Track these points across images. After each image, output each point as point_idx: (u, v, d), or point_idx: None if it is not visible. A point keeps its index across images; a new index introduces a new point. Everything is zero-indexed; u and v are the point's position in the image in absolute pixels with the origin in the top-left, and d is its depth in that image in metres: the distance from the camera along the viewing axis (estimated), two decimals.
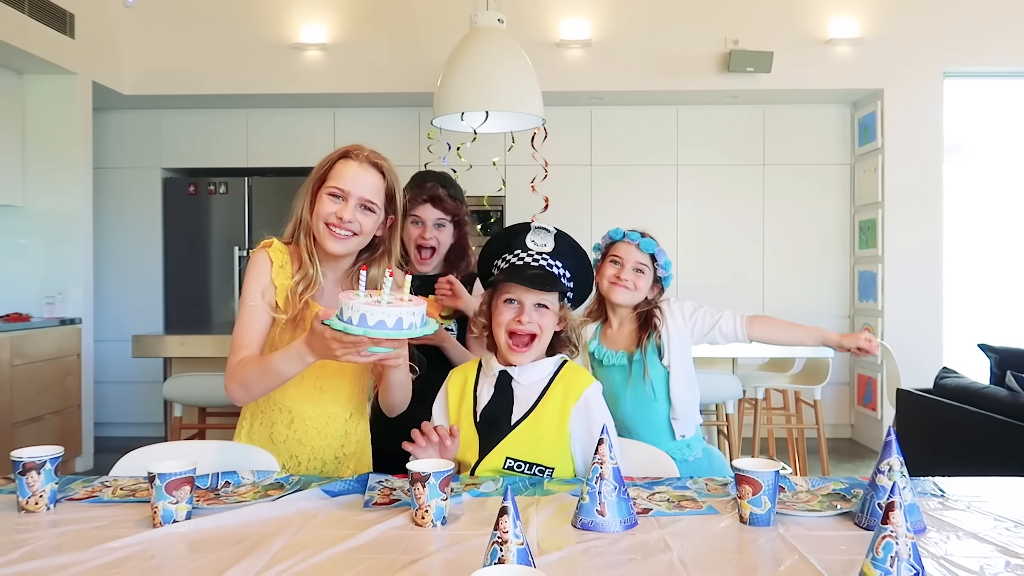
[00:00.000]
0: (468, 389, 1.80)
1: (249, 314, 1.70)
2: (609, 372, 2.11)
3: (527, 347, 1.75)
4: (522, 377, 1.76)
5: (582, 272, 1.90)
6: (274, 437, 1.78)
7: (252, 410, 1.81)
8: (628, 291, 2.09)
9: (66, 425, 4.64)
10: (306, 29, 5.29)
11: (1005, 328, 5.39)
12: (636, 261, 2.10)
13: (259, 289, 1.71)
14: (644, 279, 2.11)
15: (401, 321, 1.41)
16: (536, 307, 1.76)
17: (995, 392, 3.18)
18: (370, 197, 1.70)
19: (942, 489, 1.54)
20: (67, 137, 4.85)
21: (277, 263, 1.73)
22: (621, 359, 2.11)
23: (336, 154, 1.73)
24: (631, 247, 2.11)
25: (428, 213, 2.29)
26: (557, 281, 1.78)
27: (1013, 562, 1.17)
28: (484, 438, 1.72)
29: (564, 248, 1.85)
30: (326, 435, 1.79)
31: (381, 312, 1.40)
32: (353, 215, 1.68)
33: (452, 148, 4.35)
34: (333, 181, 1.70)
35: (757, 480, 1.33)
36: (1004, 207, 5.47)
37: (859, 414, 5.56)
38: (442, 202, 2.30)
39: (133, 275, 5.71)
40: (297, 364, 1.57)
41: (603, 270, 2.13)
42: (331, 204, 1.68)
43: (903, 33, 5.18)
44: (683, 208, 5.66)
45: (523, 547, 1.02)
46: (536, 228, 1.86)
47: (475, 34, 3.76)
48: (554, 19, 5.26)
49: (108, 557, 1.20)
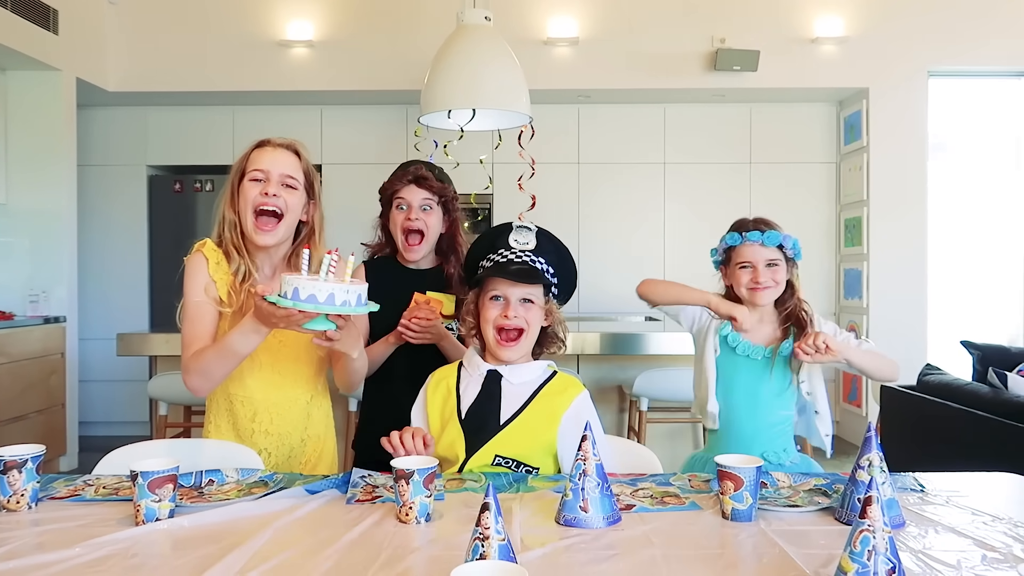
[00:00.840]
0: (451, 388, 1.81)
1: (196, 309, 1.75)
2: (742, 363, 2.05)
3: (515, 342, 1.77)
4: (512, 376, 1.77)
5: (565, 267, 1.91)
6: (240, 432, 1.81)
7: (214, 409, 1.84)
8: (770, 290, 2.03)
9: (50, 424, 4.61)
10: (293, 26, 5.27)
11: (987, 325, 5.44)
12: (767, 259, 2.03)
13: (200, 285, 1.76)
14: (780, 271, 2.04)
15: (333, 297, 1.46)
16: (522, 302, 1.78)
17: (977, 388, 3.21)
18: (290, 173, 1.77)
19: (922, 484, 1.56)
20: (51, 134, 4.81)
21: (213, 260, 1.77)
22: (758, 353, 2.03)
23: (249, 148, 1.81)
24: (755, 247, 2.04)
25: (413, 194, 2.21)
26: (540, 275, 1.80)
27: (990, 556, 1.18)
28: (470, 436, 1.72)
29: (546, 245, 1.88)
30: (289, 419, 1.83)
31: (313, 287, 1.45)
32: (277, 190, 1.74)
33: (439, 146, 4.35)
34: (251, 167, 1.76)
35: (739, 476, 1.34)
36: (987, 205, 5.51)
37: (844, 411, 5.60)
38: (427, 181, 2.22)
39: (118, 273, 5.67)
40: (252, 337, 1.62)
41: (736, 277, 2.07)
42: (255, 187, 1.74)
43: (888, 32, 5.21)
44: (670, 206, 5.68)
45: (505, 543, 1.02)
46: (518, 227, 1.89)
47: (462, 32, 3.76)
48: (541, 17, 5.26)
49: (90, 555, 1.19)
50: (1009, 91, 5.41)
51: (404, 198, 2.21)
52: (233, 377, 1.77)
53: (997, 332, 5.39)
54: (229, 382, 1.79)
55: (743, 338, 2.06)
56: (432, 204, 2.23)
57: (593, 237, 5.60)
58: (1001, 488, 1.60)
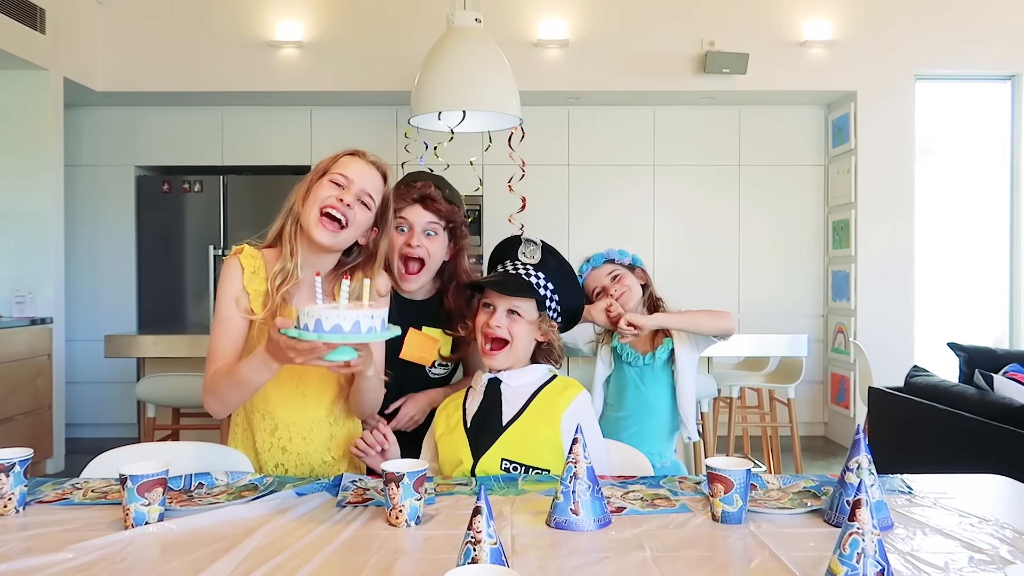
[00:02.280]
0: (458, 404, 1.82)
1: (222, 325, 1.69)
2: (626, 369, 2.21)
3: (497, 351, 1.78)
4: (511, 380, 1.78)
5: (567, 288, 1.92)
6: (257, 446, 1.77)
7: (237, 422, 1.81)
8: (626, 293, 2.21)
9: (37, 426, 4.57)
10: (282, 26, 5.26)
11: (974, 327, 5.48)
12: (607, 275, 2.23)
13: (231, 298, 1.69)
14: (628, 279, 2.24)
15: (359, 324, 1.37)
16: (508, 313, 1.78)
17: (964, 390, 3.23)
18: (370, 191, 1.70)
19: (910, 486, 1.57)
20: (38, 134, 4.77)
21: (249, 269, 1.71)
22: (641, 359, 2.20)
23: (341, 152, 1.74)
24: (596, 273, 2.25)
25: (417, 216, 1.96)
26: (528, 288, 1.80)
27: (977, 557, 1.19)
28: (475, 440, 1.73)
29: (551, 263, 1.90)
30: (311, 440, 1.77)
31: (336, 316, 1.36)
32: (352, 201, 1.67)
33: (429, 147, 4.35)
34: (337, 170, 1.70)
35: (729, 478, 1.34)
36: (973, 208, 5.56)
37: (832, 412, 5.63)
38: (434, 203, 1.97)
39: (106, 274, 5.64)
40: (264, 371, 1.56)
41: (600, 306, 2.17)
42: (331, 189, 1.67)
43: (876, 36, 5.25)
44: (659, 208, 5.70)
45: (496, 547, 1.02)
46: (525, 240, 1.89)
47: (452, 33, 3.76)
48: (531, 19, 5.27)
49: (79, 560, 1.18)
50: (995, 95, 5.46)
51: (406, 219, 1.97)
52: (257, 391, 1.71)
53: (983, 334, 5.43)
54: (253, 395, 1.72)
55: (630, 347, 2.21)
56: (437, 229, 1.99)
57: (583, 239, 5.61)
58: (988, 490, 1.61)
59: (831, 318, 5.63)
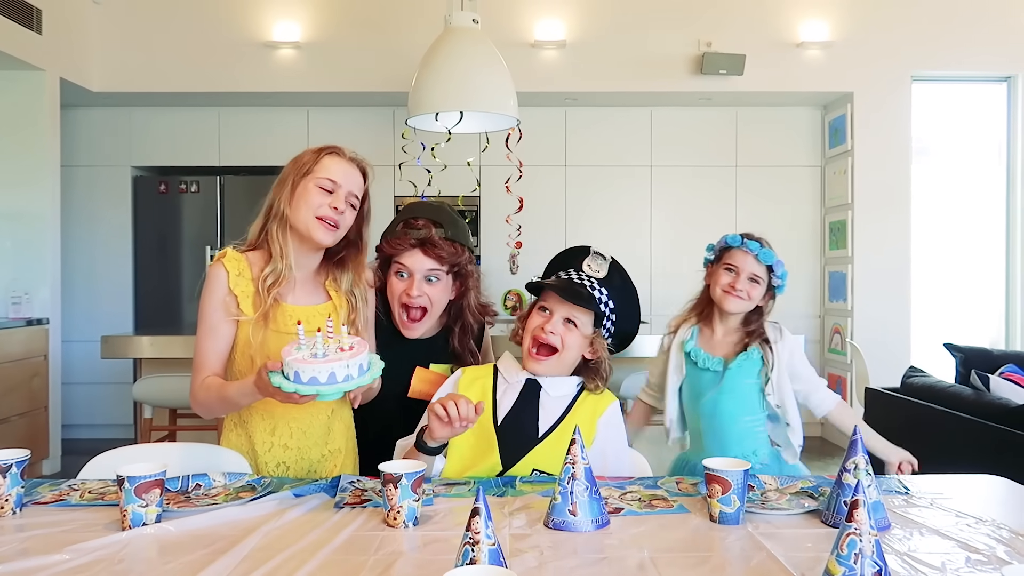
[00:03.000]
0: (486, 391, 1.77)
1: (209, 336, 1.70)
2: (701, 374, 2.05)
3: (544, 357, 1.75)
4: (551, 388, 1.76)
5: (627, 308, 1.87)
6: (257, 447, 1.77)
7: (234, 422, 1.80)
8: (742, 301, 2.01)
9: (33, 427, 4.56)
10: (279, 27, 5.25)
11: (970, 328, 5.49)
12: (752, 272, 2.01)
13: (217, 306, 1.69)
14: (758, 289, 2.02)
15: (334, 375, 1.42)
16: (565, 321, 1.75)
17: (960, 391, 3.24)
18: (356, 192, 1.73)
19: (906, 487, 1.57)
20: (34, 134, 4.76)
21: (234, 272, 1.70)
22: (717, 364, 2.03)
23: (320, 150, 1.74)
24: (748, 256, 2.02)
25: (417, 263, 1.83)
26: (591, 300, 1.76)
27: (974, 558, 1.19)
28: (506, 445, 1.69)
29: (616, 279, 1.85)
30: (310, 434, 1.78)
31: (313, 369, 1.41)
32: (344, 206, 1.70)
33: (427, 148, 4.35)
34: (323, 173, 1.70)
35: (727, 479, 1.34)
36: (969, 209, 5.57)
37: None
38: (435, 248, 1.83)
39: (102, 275, 5.62)
40: (250, 399, 1.63)
41: (717, 276, 2.05)
42: (322, 196, 1.69)
43: (872, 38, 5.26)
44: (656, 209, 5.70)
45: (495, 548, 1.02)
46: (594, 253, 1.86)
47: (450, 34, 3.76)
48: (529, 20, 5.27)
49: (76, 561, 1.18)
50: (991, 96, 5.47)
51: (405, 265, 1.85)
52: None
53: (979, 335, 5.44)
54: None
55: (704, 351, 2.06)
56: (440, 275, 1.86)
57: (580, 239, 5.57)
58: (984, 490, 1.61)
59: (828, 319, 5.64)
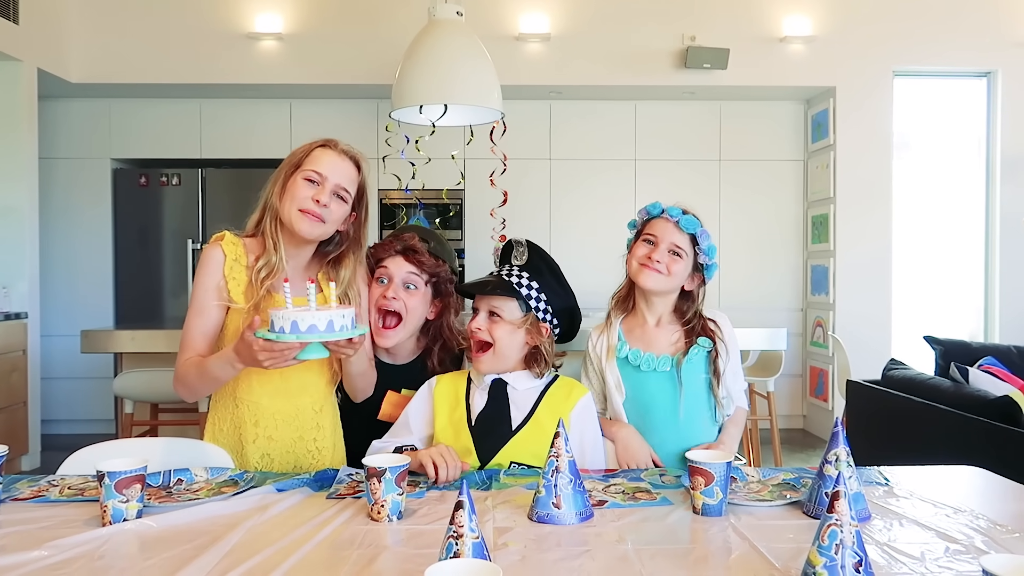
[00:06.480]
0: (459, 397, 1.79)
1: (198, 316, 1.70)
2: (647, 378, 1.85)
3: (480, 354, 1.76)
4: (516, 383, 1.77)
5: (554, 285, 1.82)
6: (243, 438, 1.75)
7: (219, 410, 1.79)
8: (660, 275, 1.80)
9: (11, 423, 4.51)
10: (261, 18, 5.20)
11: (949, 321, 5.55)
12: (672, 242, 1.81)
13: (210, 286, 1.70)
14: (681, 264, 1.81)
15: (332, 323, 1.49)
16: (489, 315, 1.77)
17: (939, 383, 3.27)
18: (345, 185, 1.72)
19: (887, 478, 1.59)
20: (11, 126, 4.70)
21: (231, 256, 1.71)
22: (664, 364, 1.83)
23: (313, 143, 1.75)
24: (669, 225, 1.82)
25: (397, 267, 1.89)
26: (505, 286, 1.76)
27: (952, 547, 1.21)
28: (481, 444, 1.71)
29: (535, 260, 1.83)
30: (296, 428, 1.77)
31: (312, 317, 1.46)
32: (329, 199, 1.68)
33: (411, 141, 4.33)
34: (310, 166, 1.70)
35: (709, 471, 1.35)
36: (950, 203, 5.62)
37: (811, 405, 5.68)
38: (416, 255, 1.89)
39: (82, 268, 5.56)
40: (228, 370, 1.62)
41: (634, 250, 1.85)
42: (307, 188, 1.68)
43: (855, 33, 5.29)
44: (640, 202, 5.61)
45: (479, 541, 1.02)
46: (514, 243, 1.85)
47: (434, 26, 3.74)
48: (513, 13, 5.25)
49: (56, 557, 1.17)
50: (971, 91, 5.52)
51: (386, 269, 1.90)
52: (240, 380, 1.72)
53: (959, 328, 5.50)
54: (236, 385, 1.74)
55: (643, 353, 1.86)
56: (418, 283, 1.91)
57: (565, 233, 5.61)
58: (963, 481, 1.63)
59: (810, 312, 5.68)
